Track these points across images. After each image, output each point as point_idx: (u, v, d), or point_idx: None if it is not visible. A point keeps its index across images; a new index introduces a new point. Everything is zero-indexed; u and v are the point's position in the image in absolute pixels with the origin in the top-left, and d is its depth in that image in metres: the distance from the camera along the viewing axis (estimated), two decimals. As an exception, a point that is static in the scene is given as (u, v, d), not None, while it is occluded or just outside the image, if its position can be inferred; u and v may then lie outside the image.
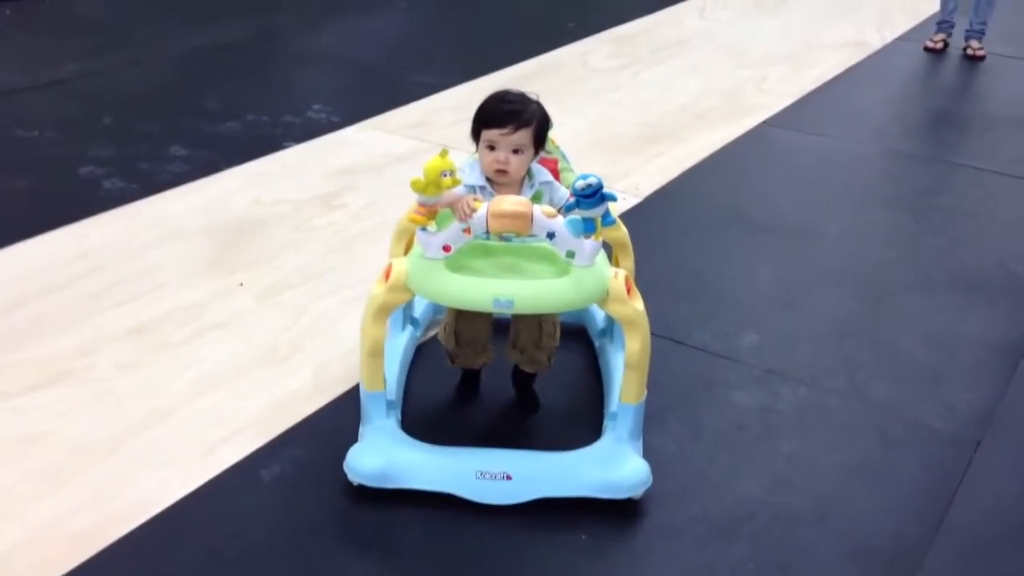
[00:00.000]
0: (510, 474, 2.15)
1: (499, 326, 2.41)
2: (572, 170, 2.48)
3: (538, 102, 2.27)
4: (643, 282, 2.34)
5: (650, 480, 2.18)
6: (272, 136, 4.19)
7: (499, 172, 2.23)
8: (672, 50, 5.66)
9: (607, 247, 2.28)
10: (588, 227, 2.05)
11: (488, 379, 2.53)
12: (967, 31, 5.78)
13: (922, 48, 5.88)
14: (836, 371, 2.75)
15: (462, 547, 2.09)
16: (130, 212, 3.48)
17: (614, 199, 2.05)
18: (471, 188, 2.21)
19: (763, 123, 4.61)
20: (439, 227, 2.11)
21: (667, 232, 3.53)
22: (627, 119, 4.58)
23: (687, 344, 2.83)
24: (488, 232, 2.07)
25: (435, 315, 2.70)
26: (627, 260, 2.51)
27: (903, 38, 6.09)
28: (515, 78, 4.86)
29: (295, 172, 3.87)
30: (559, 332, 2.38)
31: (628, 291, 2.13)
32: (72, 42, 5.33)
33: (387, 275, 2.14)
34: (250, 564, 2.03)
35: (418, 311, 2.70)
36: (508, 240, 2.18)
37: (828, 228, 3.62)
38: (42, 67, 4.90)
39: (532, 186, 2.28)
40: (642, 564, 2.10)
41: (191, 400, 2.50)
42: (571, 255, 2.07)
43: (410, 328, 2.64)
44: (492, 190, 2.25)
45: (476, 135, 2.27)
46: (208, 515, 2.14)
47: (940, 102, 5.27)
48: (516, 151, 2.21)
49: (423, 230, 2.09)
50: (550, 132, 2.32)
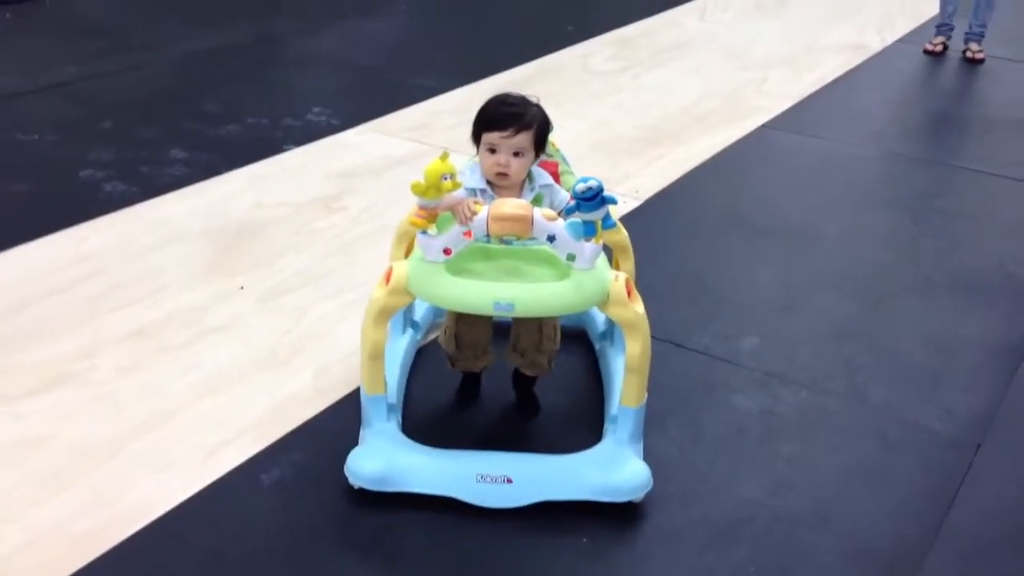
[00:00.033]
0: (511, 477, 2.15)
1: (499, 329, 2.41)
2: (573, 173, 2.49)
3: (539, 105, 2.28)
4: (643, 285, 2.35)
5: (651, 483, 2.18)
6: (272, 139, 4.20)
7: (500, 175, 2.23)
8: (672, 53, 5.67)
9: (607, 250, 2.28)
10: (589, 230, 2.05)
11: (488, 382, 2.53)
12: (966, 34, 5.78)
13: (922, 51, 5.89)
14: (836, 374, 2.76)
15: (463, 551, 2.09)
16: (130, 215, 3.49)
17: (614, 202, 2.05)
18: (471, 191, 2.22)
19: (763, 125, 4.61)
20: (440, 230, 2.11)
21: (667, 235, 3.53)
22: (627, 122, 4.58)
23: (687, 347, 2.83)
24: (489, 235, 2.07)
25: (435, 318, 2.70)
26: (627, 263, 2.51)
27: (903, 41, 6.10)
28: (515, 81, 4.87)
29: (295, 175, 3.88)
30: (559, 335, 2.38)
31: (628, 294, 2.13)
32: (72, 45, 5.33)
33: (388, 278, 2.14)
34: (251, 568, 2.03)
35: (418, 314, 2.70)
36: (509, 243, 2.18)
37: (828, 230, 3.62)
38: (42, 70, 4.90)
39: (532, 189, 2.29)
40: (643, 567, 2.10)
41: (191, 403, 2.50)
42: (572, 258, 2.07)
43: (410, 331, 2.64)
44: (493, 193, 2.25)
45: (477, 138, 2.27)
46: (208, 518, 2.14)
47: (940, 105, 5.27)
48: (517, 154, 2.21)
49: (424, 233, 2.09)
50: (550, 135, 2.32)
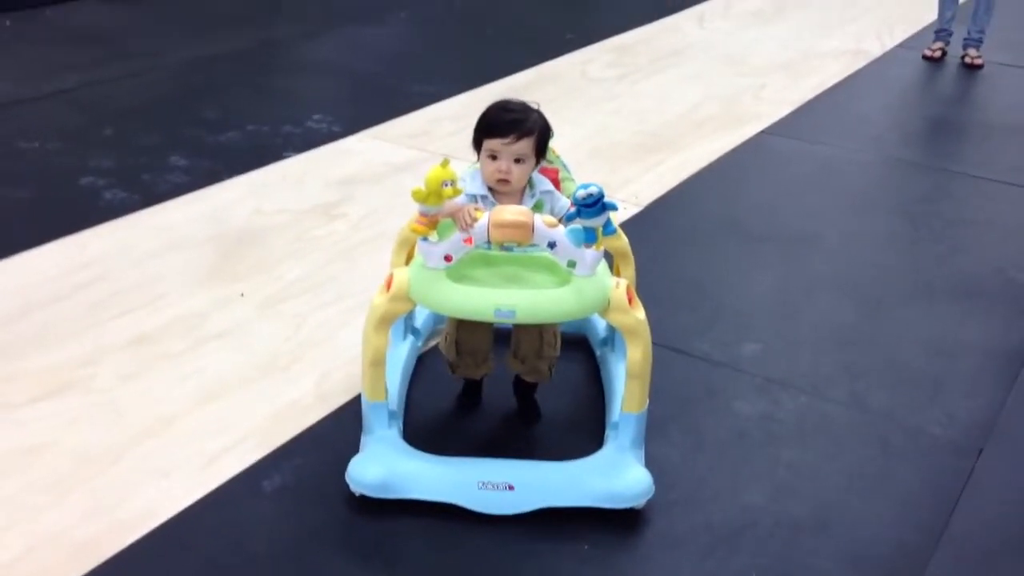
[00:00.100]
0: (512, 484, 2.15)
1: (500, 336, 2.42)
2: (573, 180, 2.49)
3: (539, 111, 2.28)
4: (643, 291, 2.35)
5: (652, 489, 2.18)
6: (272, 146, 4.20)
7: (501, 181, 2.23)
8: (671, 59, 5.68)
9: (608, 256, 2.29)
10: (589, 236, 2.06)
11: (489, 389, 2.53)
12: (965, 39, 5.79)
13: (920, 56, 5.90)
14: (836, 379, 2.76)
15: (464, 557, 2.08)
16: (131, 222, 3.49)
17: (615, 208, 2.06)
18: (472, 197, 2.22)
19: (762, 132, 4.62)
20: (440, 237, 2.11)
21: (667, 241, 3.54)
22: (626, 128, 4.59)
23: (688, 353, 2.83)
24: (489, 242, 2.08)
25: (436, 325, 2.70)
26: (628, 269, 2.51)
27: (902, 46, 6.11)
28: (514, 87, 4.88)
29: (295, 182, 3.88)
30: (560, 342, 2.39)
31: (629, 300, 2.14)
32: (73, 53, 5.34)
33: (388, 285, 2.14)
34: (252, 574, 2.03)
35: (419, 321, 2.70)
36: (509, 250, 2.18)
37: (828, 236, 3.63)
38: (43, 78, 4.91)
39: (533, 195, 2.29)
40: (645, 574, 2.10)
41: (192, 410, 2.50)
42: (572, 265, 2.08)
43: (411, 338, 2.64)
44: (493, 199, 2.26)
45: (477, 144, 2.27)
46: (210, 525, 2.14)
47: (939, 110, 5.28)
48: (518, 160, 2.22)
49: (424, 240, 2.09)
50: (551, 142, 2.32)
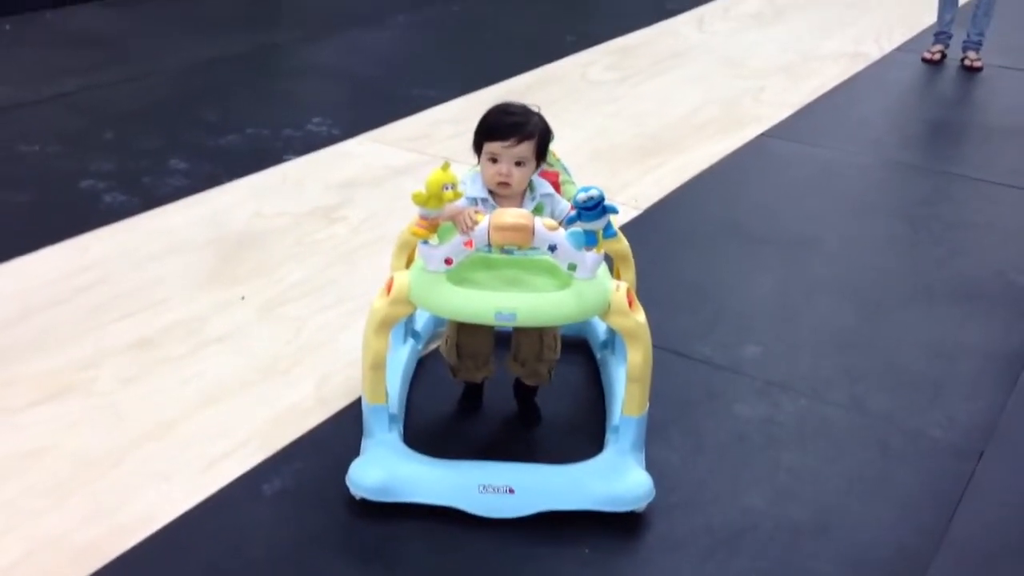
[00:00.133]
0: (513, 487, 2.14)
1: (500, 339, 2.42)
2: (573, 183, 2.49)
3: (540, 114, 2.28)
4: (643, 294, 2.35)
5: (653, 493, 2.18)
6: (272, 149, 4.20)
7: (501, 184, 2.23)
8: (671, 62, 5.68)
9: (608, 259, 2.29)
10: (590, 239, 2.06)
11: (490, 392, 2.53)
12: (964, 42, 5.80)
13: (920, 59, 5.90)
14: (837, 382, 2.76)
15: (465, 561, 2.08)
16: (131, 226, 3.49)
17: (615, 211, 2.06)
18: (472, 200, 2.22)
19: (762, 134, 4.62)
20: (441, 240, 2.11)
21: (667, 244, 3.54)
22: (626, 131, 4.59)
23: (688, 356, 2.83)
24: (490, 245, 2.07)
25: (436, 328, 2.70)
26: (628, 272, 2.51)
27: (901, 49, 6.12)
28: (514, 90, 4.88)
29: (295, 185, 3.88)
30: (559, 345, 2.39)
31: (630, 303, 2.14)
32: (73, 56, 5.34)
33: (389, 288, 2.14)
34: (253, 578, 2.03)
35: (419, 324, 2.70)
36: (510, 253, 2.18)
37: (827, 239, 3.63)
38: (43, 81, 4.91)
39: (533, 198, 2.29)
40: (645, 577, 2.10)
41: (193, 413, 2.50)
42: (573, 268, 2.08)
43: (412, 341, 2.64)
44: (494, 202, 2.25)
45: (478, 147, 2.27)
46: (210, 529, 2.14)
47: (938, 113, 5.28)
48: (518, 163, 2.22)
49: (425, 243, 2.09)
50: (551, 144, 2.32)
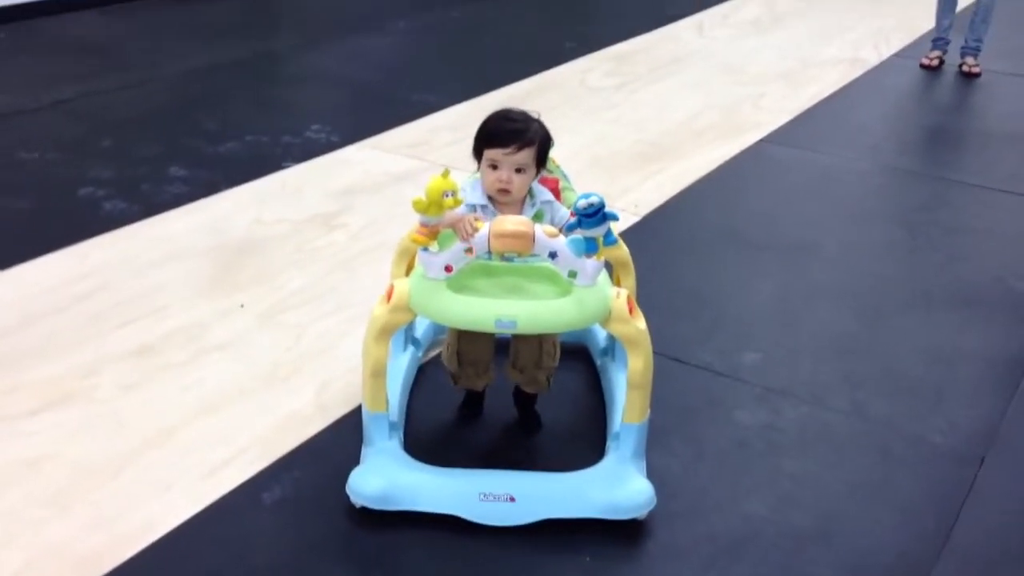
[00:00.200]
0: (513, 496, 2.14)
1: (500, 346, 2.41)
2: (573, 189, 2.49)
3: (540, 121, 2.28)
4: (643, 301, 2.35)
5: (654, 500, 2.17)
6: (272, 156, 4.20)
7: (501, 191, 2.23)
8: (670, 68, 5.69)
9: (608, 266, 2.29)
10: (590, 247, 2.06)
11: (490, 400, 2.52)
12: (963, 48, 5.80)
13: (918, 65, 5.91)
14: (837, 388, 2.75)
15: (465, 569, 2.08)
16: (131, 233, 3.49)
17: (616, 218, 2.06)
18: (472, 207, 2.22)
19: (761, 140, 4.62)
20: (441, 247, 2.11)
21: (667, 250, 3.54)
22: (626, 137, 4.59)
23: (688, 363, 2.83)
24: (490, 252, 2.08)
25: (437, 335, 2.70)
26: (628, 279, 2.51)
27: (899, 55, 6.13)
28: (514, 97, 4.88)
29: (295, 192, 3.88)
30: (559, 352, 2.38)
31: (630, 310, 2.13)
32: (71, 64, 5.35)
33: (389, 296, 2.14)
34: (253, 587, 2.03)
35: (419, 331, 2.70)
36: (510, 260, 2.18)
37: (826, 244, 3.63)
38: (42, 88, 4.92)
39: (533, 205, 2.29)
40: (646, 584, 2.10)
41: (193, 421, 2.50)
42: (573, 275, 2.08)
43: (412, 349, 2.64)
44: (494, 209, 2.25)
45: (478, 154, 2.27)
46: (210, 538, 2.13)
47: (936, 119, 5.29)
48: (519, 170, 2.22)
49: (425, 250, 2.09)
50: (550, 151, 2.32)
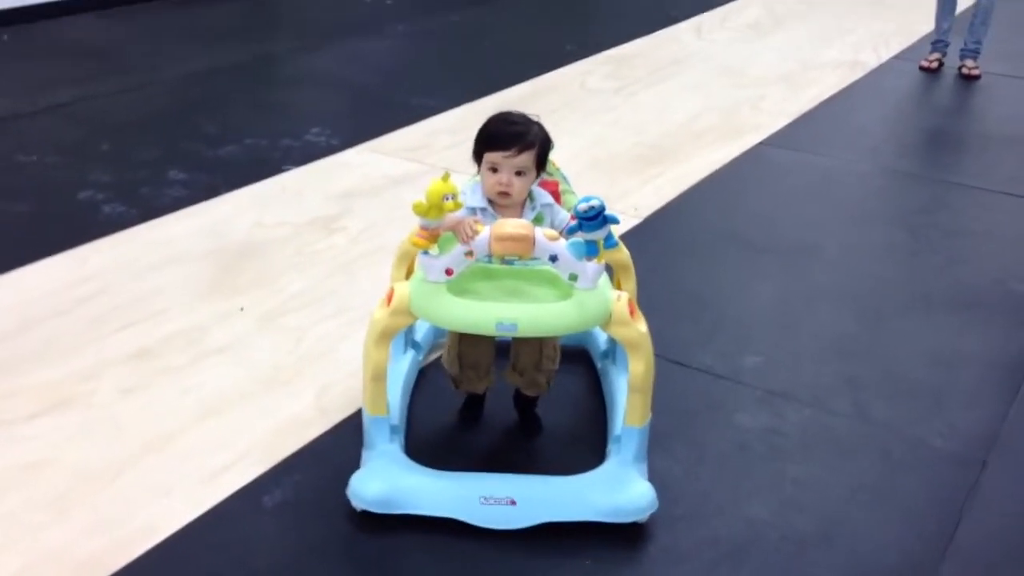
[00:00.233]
0: (514, 499, 2.14)
1: (499, 349, 2.41)
2: (573, 192, 2.49)
3: (540, 124, 2.28)
4: (643, 303, 2.34)
5: (656, 504, 2.17)
6: (271, 159, 4.20)
7: (501, 194, 2.23)
8: (670, 70, 5.69)
9: (609, 269, 2.28)
10: (591, 250, 2.05)
11: (490, 403, 2.52)
12: (962, 50, 5.81)
13: (918, 67, 5.91)
14: (838, 391, 2.75)
15: (466, 573, 2.07)
16: (130, 236, 3.48)
17: (616, 221, 2.05)
18: (472, 210, 2.21)
19: (761, 143, 4.62)
20: (441, 250, 2.11)
21: (667, 253, 3.54)
22: (625, 139, 4.59)
23: (689, 366, 2.82)
24: (490, 255, 2.07)
25: (437, 339, 2.70)
26: (629, 282, 2.51)
27: (899, 58, 6.13)
28: (513, 100, 4.88)
29: (294, 195, 3.88)
30: (559, 355, 2.38)
31: (631, 313, 2.13)
32: (70, 67, 5.34)
33: (389, 299, 2.14)
34: (254, 591, 2.02)
35: (420, 335, 2.69)
36: (511, 263, 2.18)
37: (826, 247, 3.63)
38: (41, 92, 4.91)
39: (534, 208, 2.28)
40: (648, 588, 2.09)
41: (193, 425, 2.49)
42: (574, 278, 2.07)
43: (412, 352, 2.63)
44: (494, 212, 2.25)
45: (478, 157, 2.26)
46: (211, 542, 2.13)
47: (936, 121, 5.29)
48: (519, 173, 2.21)
49: (425, 253, 2.09)
50: (550, 154, 2.32)
